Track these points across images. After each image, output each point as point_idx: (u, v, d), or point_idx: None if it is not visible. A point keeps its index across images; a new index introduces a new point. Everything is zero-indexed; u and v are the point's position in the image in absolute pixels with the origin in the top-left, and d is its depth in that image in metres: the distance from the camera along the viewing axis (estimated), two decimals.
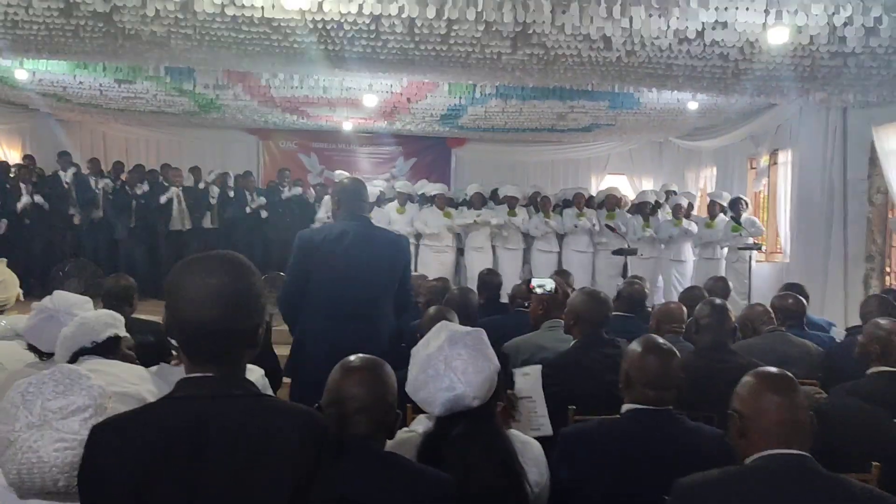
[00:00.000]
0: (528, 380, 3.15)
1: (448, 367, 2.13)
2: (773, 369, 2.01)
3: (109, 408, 1.84)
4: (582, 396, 3.06)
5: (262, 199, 10.27)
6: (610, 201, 10.10)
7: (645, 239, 9.71)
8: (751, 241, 8.64)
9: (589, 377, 3.25)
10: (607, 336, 3.49)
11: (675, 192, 10.55)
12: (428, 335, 2.27)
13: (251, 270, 1.57)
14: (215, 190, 10.44)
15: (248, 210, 10.23)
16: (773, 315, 4.41)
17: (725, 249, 9.11)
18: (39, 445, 1.72)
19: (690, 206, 9.84)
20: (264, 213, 10.24)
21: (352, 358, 2.07)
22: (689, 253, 9.66)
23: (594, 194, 10.67)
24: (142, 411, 1.54)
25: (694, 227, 9.43)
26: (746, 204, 9.18)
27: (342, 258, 3.68)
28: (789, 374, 2.00)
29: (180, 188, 10.11)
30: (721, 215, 9.23)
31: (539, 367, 3.25)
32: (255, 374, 2.96)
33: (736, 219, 8.95)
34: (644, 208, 9.99)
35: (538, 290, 4.05)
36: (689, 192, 10.75)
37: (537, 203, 10.12)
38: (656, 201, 10.15)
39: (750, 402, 1.91)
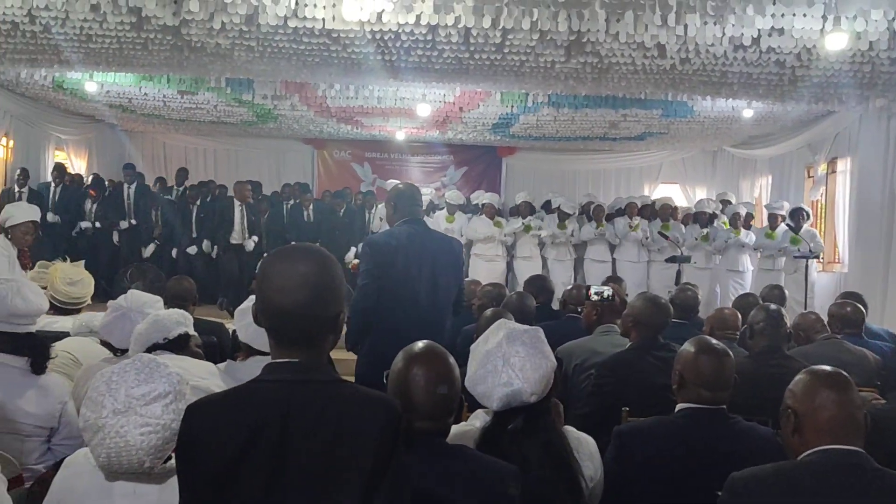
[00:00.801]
0: None
1: (506, 363, 2.19)
2: (827, 367, 2.03)
3: (188, 394, 1.96)
4: (633, 397, 3.10)
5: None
6: (664, 211, 10.07)
7: (701, 249, 9.61)
8: (807, 249, 8.43)
9: (641, 379, 3.29)
10: (663, 340, 3.52)
11: (731, 202, 10.44)
12: (486, 332, 2.34)
13: (334, 261, 1.68)
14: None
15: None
16: (826, 323, 4.36)
17: (783, 260, 8.94)
18: (126, 430, 1.85)
19: (750, 216, 9.68)
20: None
21: (416, 346, 2.12)
22: (746, 263, 9.52)
23: (647, 203, 10.61)
24: (232, 393, 1.64)
25: (751, 238, 9.27)
26: (807, 215, 8.94)
27: (414, 261, 3.76)
28: (843, 371, 2.01)
29: (243, 204, 10.36)
30: (781, 225, 9.01)
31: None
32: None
33: (795, 229, 8.75)
34: (702, 218, 9.89)
35: (595, 297, 4.10)
36: (748, 202, 10.56)
37: (590, 212, 10.11)
38: (713, 211, 10.04)
39: (805, 399, 1.93)
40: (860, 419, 1.90)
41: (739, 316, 4.17)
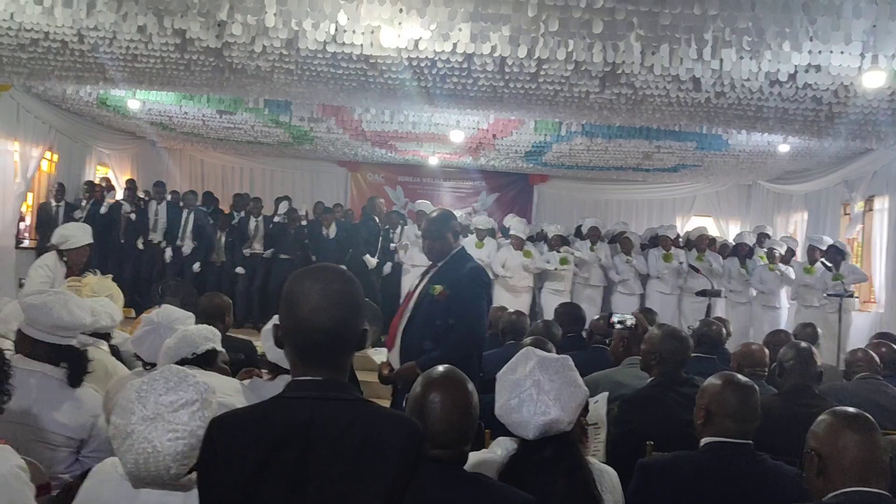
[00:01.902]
0: (595, 406, 3.19)
1: (541, 391, 2.19)
2: (850, 409, 2.01)
3: (214, 403, 2.00)
4: (657, 435, 3.06)
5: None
6: (701, 242, 9.88)
7: (739, 282, 9.45)
8: (842, 288, 8.19)
9: (666, 416, 3.23)
10: (686, 375, 3.46)
11: (768, 236, 10.28)
12: (514, 361, 2.34)
13: (356, 280, 1.72)
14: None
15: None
16: (873, 361, 4.26)
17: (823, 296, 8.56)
18: (154, 436, 1.89)
19: (791, 251, 9.43)
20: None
21: (436, 370, 2.12)
22: (783, 300, 9.34)
23: (680, 233, 10.50)
24: (257, 408, 1.66)
25: (791, 273, 9.06)
26: (844, 254, 8.61)
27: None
28: (866, 413, 1.99)
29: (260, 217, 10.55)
30: (821, 261, 8.69)
31: (606, 394, 3.28)
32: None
33: (831, 267, 8.48)
34: (742, 251, 9.74)
35: (618, 326, 4.07)
36: (791, 237, 10.27)
37: (620, 241, 10.00)
38: (752, 244, 9.89)
39: (828, 441, 1.92)
40: (884, 461, 1.87)
41: (767, 352, 4.10)
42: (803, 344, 3.62)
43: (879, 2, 4.21)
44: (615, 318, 4.18)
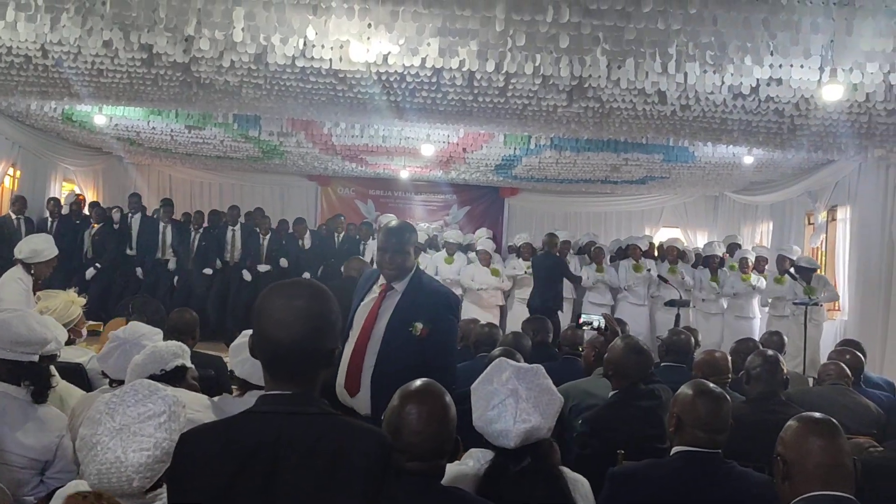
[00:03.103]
0: None
1: (519, 399, 2.20)
2: (816, 414, 2.05)
3: (183, 416, 1.99)
4: (623, 450, 3.06)
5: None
6: (671, 253, 9.95)
7: (710, 293, 9.53)
8: (807, 297, 8.30)
9: (626, 431, 3.24)
10: (645, 388, 3.44)
11: (739, 245, 10.37)
12: (488, 372, 2.35)
13: (331, 297, 1.70)
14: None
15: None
16: (843, 373, 4.32)
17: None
18: (119, 448, 1.87)
19: (765, 260, 9.48)
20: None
21: (414, 383, 2.11)
22: (755, 310, 9.42)
23: (652, 242, 10.56)
24: (226, 423, 1.67)
25: (762, 283, 9.13)
26: (812, 270, 8.52)
27: None
28: (832, 419, 2.03)
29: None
30: (788, 272, 8.73)
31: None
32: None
33: (797, 278, 8.49)
34: (712, 262, 9.79)
35: (585, 327, 4.08)
36: (763, 246, 10.33)
37: (590, 253, 10.07)
38: (722, 255, 9.95)
39: (793, 446, 1.95)
40: (849, 466, 1.91)
41: (730, 359, 4.15)
42: (770, 352, 3.69)
43: (836, 18, 4.32)
44: (583, 319, 4.18)
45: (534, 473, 2.19)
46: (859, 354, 4.80)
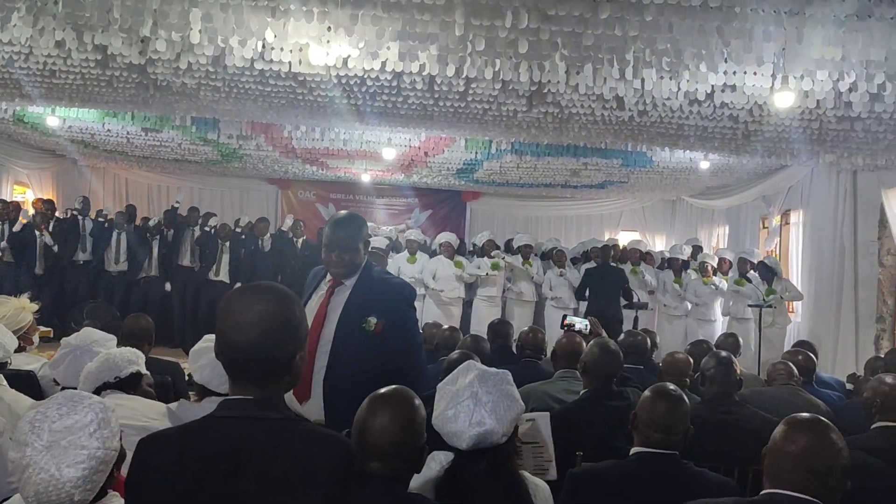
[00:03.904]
0: (534, 426, 3.20)
1: (478, 402, 2.20)
2: (803, 415, 2.13)
3: (114, 421, 1.92)
4: (586, 448, 3.10)
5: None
6: (633, 255, 9.94)
7: (674, 296, 9.62)
8: (761, 299, 8.40)
9: (594, 429, 3.29)
10: (617, 388, 3.52)
11: (701, 249, 10.45)
12: (455, 373, 2.35)
13: (295, 301, 1.68)
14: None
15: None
16: (792, 372, 4.42)
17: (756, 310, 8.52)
18: (51, 465, 1.80)
19: (729, 263, 9.45)
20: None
21: (383, 389, 2.08)
22: (717, 313, 9.47)
23: (617, 245, 10.62)
24: (185, 428, 1.64)
25: (724, 285, 9.17)
26: (775, 271, 8.63)
27: None
28: (821, 418, 2.10)
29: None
30: (751, 272, 8.81)
31: (547, 413, 3.31)
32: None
33: (750, 280, 8.71)
34: (675, 264, 9.82)
35: (566, 328, 4.10)
36: (727, 249, 10.31)
37: (553, 256, 10.10)
38: (687, 258, 9.98)
39: (771, 445, 2.05)
40: (815, 467, 1.97)
41: (692, 361, 4.22)
42: (724, 353, 3.73)
43: (787, 26, 4.40)
44: (568, 320, 4.18)
45: (491, 477, 2.19)
46: (811, 355, 4.90)
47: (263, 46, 5.06)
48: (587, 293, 9.06)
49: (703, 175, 9.98)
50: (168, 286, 10.09)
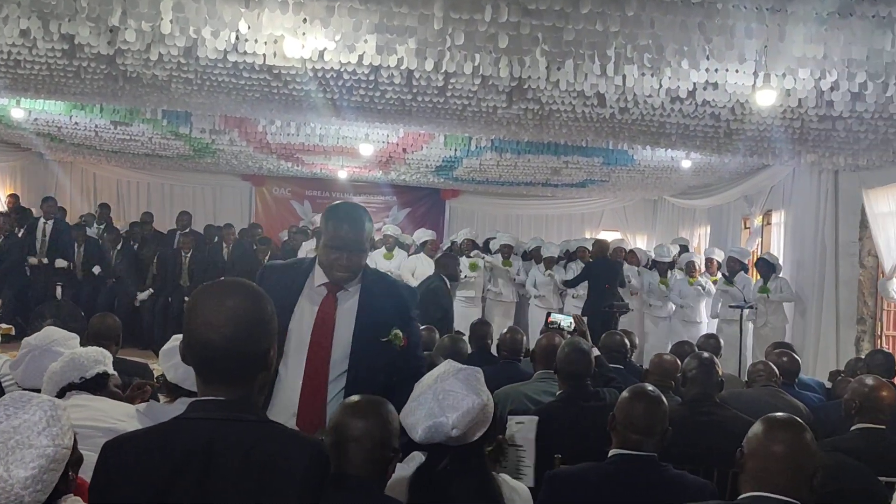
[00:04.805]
0: (522, 429, 3.17)
1: (435, 396, 2.18)
2: (778, 415, 2.11)
3: (65, 417, 1.85)
4: (563, 450, 3.07)
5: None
6: (616, 255, 9.85)
7: (659, 296, 9.57)
8: (742, 300, 8.32)
9: (571, 431, 3.28)
10: (593, 389, 3.51)
11: (687, 248, 10.41)
12: (435, 369, 2.35)
13: (264, 297, 1.64)
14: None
15: None
16: (773, 373, 4.40)
17: (746, 311, 8.29)
18: None
19: (717, 263, 9.43)
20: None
21: (356, 396, 2.12)
22: (702, 314, 9.39)
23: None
24: (155, 430, 1.60)
25: (711, 286, 9.12)
26: (774, 267, 8.43)
27: None
28: (796, 418, 2.08)
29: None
30: (741, 273, 8.70)
31: (535, 418, 3.27)
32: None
33: (730, 279, 8.67)
34: (661, 264, 9.77)
35: (551, 327, 4.08)
36: (715, 249, 10.16)
37: (537, 256, 9.99)
38: (673, 258, 9.91)
39: (749, 446, 2.02)
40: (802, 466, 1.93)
41: (679, 363, 4.17)
42: (705, 354, 3.72)
43: (769, 24, 4.37)
44: (553, 318, 4.18)
45: (461, 476, 2.17)
46: (797, 358, 4.91)
47: (237, 38, 4.93)
48: (587, 291, 9.16)
49: (685, 174, 9.97)
50: (142, 295, 9.90)
